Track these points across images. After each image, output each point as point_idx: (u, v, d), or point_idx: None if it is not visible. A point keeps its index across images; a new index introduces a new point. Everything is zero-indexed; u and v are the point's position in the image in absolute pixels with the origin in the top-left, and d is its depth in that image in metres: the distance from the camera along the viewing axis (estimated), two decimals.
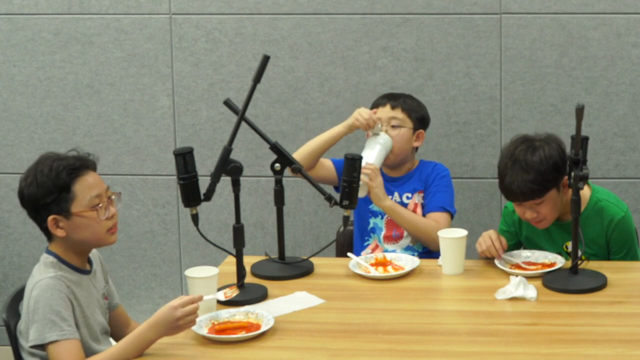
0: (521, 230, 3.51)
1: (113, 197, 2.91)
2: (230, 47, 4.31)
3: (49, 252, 2.88)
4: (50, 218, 2.82)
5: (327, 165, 3.78)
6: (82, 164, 2.86)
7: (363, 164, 3.44)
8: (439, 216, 3.65)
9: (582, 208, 3.31)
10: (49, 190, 2.82)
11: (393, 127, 3.68)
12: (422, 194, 3.72)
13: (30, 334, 2.76)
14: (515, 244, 3.54)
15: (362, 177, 3.41)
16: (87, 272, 2.93)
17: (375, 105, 3.76)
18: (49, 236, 2.89)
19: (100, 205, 2.86)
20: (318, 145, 3.69)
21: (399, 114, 3.70)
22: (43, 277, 2.80)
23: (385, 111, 3.71)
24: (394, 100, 3.73)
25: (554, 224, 3.40)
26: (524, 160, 3.23)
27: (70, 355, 2.73)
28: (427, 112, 3.80)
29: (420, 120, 3.74)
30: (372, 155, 3.60)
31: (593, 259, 3.42)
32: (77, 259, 2.90)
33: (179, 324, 2.71)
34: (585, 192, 3.38)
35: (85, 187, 2.84)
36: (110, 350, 2.75)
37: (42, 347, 2.76)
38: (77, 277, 2.88)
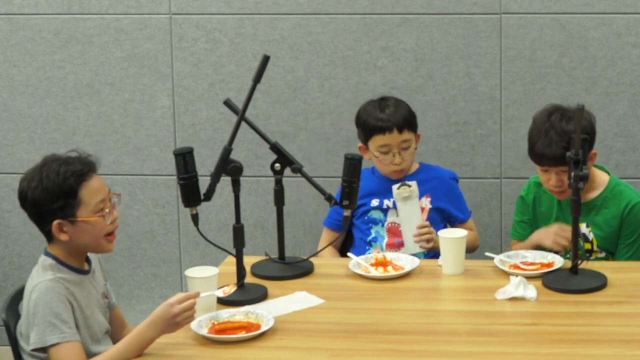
0: (535, 215, 3.54)
1: (115, 199, 2.91)
2: (230, 47, 4.31)
3: (48, 254, 2.88)
4: (55, 223, 2.81)
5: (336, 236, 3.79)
6: (88, 169, 2.85)
7: (414, 230, 3.56)
8: (471, 223, 3.80)
9: (602, 189, 3.47)
10: (56, 196, 2.80)
11: (404, 148, 3.66)
12: (429, 199, 3.71)
13: (31, 338, 2.76)
14: (530, 234, 3.56)
15: (425, 244, 3.56)
16: (86, 272, 2.93)
17: (375, 131, 3.65)
18: (50, 238, 2.88)
19: (107, 210, 2.86)
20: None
21: (406, 135, 3.66)
22: (42, 279, 2.80)
23: (394, 137, 3.64)
24: (394, 119, 3.64)
25: (569, 204, 3.43)
26: (559, 127, 3.32)
27: (72, 357, 2.73)
28: (412, 109, 3.74)
29: (415, 125, 3.73)
30: (416, 213, 3.60)
31: (602, 243, 3.45)
32: (76, 260, 2.90)
33: (176, 320, 2.71)
34: (604, 176, 3.50)
35: (91, 193, 2.83)
36: (110, 351, 2.75)
37: (43, 349, 2.76)
38: (77, 278, 2.88)
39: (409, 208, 3.60)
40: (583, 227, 3.44)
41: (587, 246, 3.46)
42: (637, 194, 3.48)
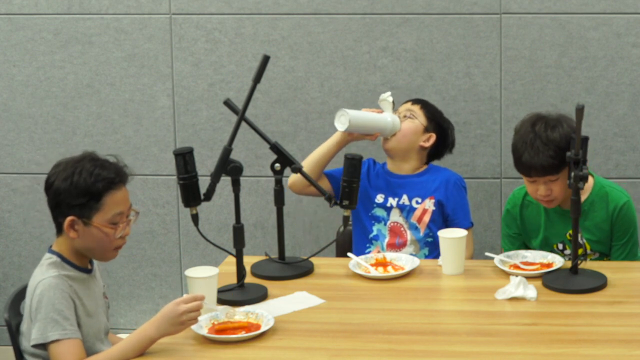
0: (523, 223, 3.52)
1: (132, 216, 2.92)
2: (230, 47, 4.31)
3: (52, 252, 2.88)
4: (69, 219, 2.82)
5: (323, 178, 3.77)
6: (119, 179, 2.87)
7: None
8: (469, 235, 3.66)
9: (587, 194, 3.43)
10: (81, 193, 2.81)
11: (405, 116, 3.71)
12: (433, 200, 3.70)
13: (32, 333, 2.76)
14: (519, 246, 3.55)
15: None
16: (89, 272, 2.94)
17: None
18: (59, 230, 2.89)
19: (121, 225, 2.87)
20: (321, 155, 3.70)
21: (416, 108, 3.75)
22: (45, 276, 2.80)
23: (405, 105, 3.79)
24: (417, 100, 3.81)
25: (556, 212, 3.42)
26: (545, 136, 3.29)
27: (72, 354, 2.73)
28: (448, 125, 3.80)
29: (436, 124, 3.74)
30: (372, 115, 3.67)
31: (595, 246, 3.44)
32: (79, 259, 2.91)
33: (182, 319, 2.72)
34: (589, 180, 3.43)
35: (114, 203, 2.84)
36: (112, 349, 2.75)
37: (43, 346, 2.76)
38: (80, 276, 2.89)
39: (384, 112, 3.71)
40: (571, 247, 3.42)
41: (580, 251, 3.45)
42: (623, 193, 3.45)
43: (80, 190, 2.81)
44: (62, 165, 2.86)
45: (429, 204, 3.70)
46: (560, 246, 3.48)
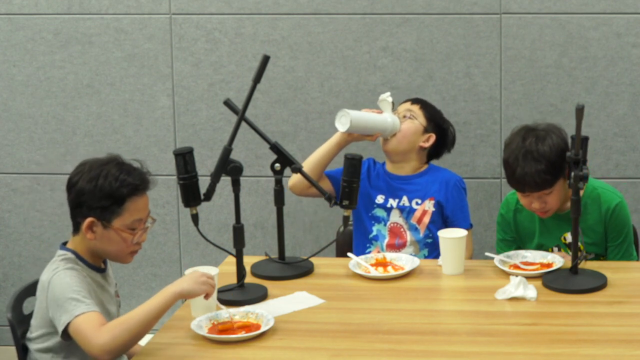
0: (517, 228, 3.52)
1: (149, 224, 2.93)
2: (230, 47, 4.31)
3: (66, 249, 2.88)
4: (89, 220, 2.83)
5: (324, 179, 3.76)
6: (143, 187, 2.88)
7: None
8: (469, 235, 3.64)
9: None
10: (105, 197, 2.82)
11: (405, 117, 3.70)
12: (432, 201, 3.70)
13: (61, 320, 2.72)
14: (515, 250, 3.55)
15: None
16: (102, 271, 2.95)
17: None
18: (76, 229, 2.89)
19: (138, 231, 2.88)
20: (322, 156, 3.69)
21: (415, 108, 3.74)
22: (59, 269, 2.79)
23: (404, 105, 3.76)
24: (416, 100, 3.79)
25: (550, 219, 3.42)
26: (535, 151, 3.27)
27: (95, 320, 2.69)
28: (448, 125, 3.78)
29: (436, 124, 3.73)
30: (373, 116, 3.65)
31: (590, 248, 3.44)
32: (93, 259, 2.92)
33: (202, 279, 2.79)
34: None
35: (135, 209, 2.87)
36: (135, 309, 2.74)
37: (65, 333, 2.73)
38: (93, 275, 2.89)
39: (384, 112, 3.69)
40: (569, 237, 3.42)
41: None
42: (615, 194, 3.44)
43: (105, 193, 2.82)
44: (87, 165, 2.87)
45: (429, 205, 3.70)
46: (556, 250, 3.48)
